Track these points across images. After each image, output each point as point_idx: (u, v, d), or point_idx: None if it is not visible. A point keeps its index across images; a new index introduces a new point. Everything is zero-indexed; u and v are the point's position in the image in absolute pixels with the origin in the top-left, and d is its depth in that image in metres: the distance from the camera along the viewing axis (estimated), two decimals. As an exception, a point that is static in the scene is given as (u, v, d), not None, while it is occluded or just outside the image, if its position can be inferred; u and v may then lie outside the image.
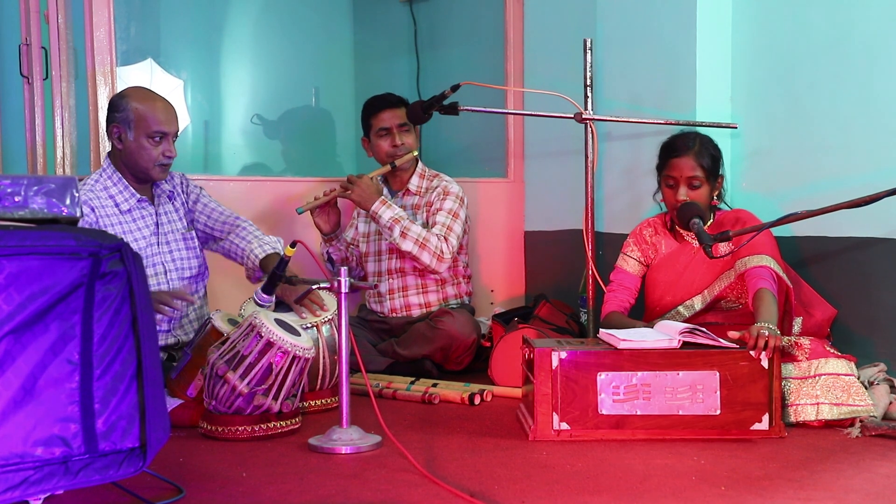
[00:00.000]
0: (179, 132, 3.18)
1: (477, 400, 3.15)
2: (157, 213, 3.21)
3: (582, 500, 2.07)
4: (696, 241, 3.07)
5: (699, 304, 3.12)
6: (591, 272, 3.45)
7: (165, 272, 3.18)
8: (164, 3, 5.02)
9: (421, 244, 3.64)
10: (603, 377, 2.61)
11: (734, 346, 2.65)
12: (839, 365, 2.76)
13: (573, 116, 3.45)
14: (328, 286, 2.66)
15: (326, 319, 3.04)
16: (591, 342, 2.94)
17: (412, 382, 3.32)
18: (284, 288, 3.00)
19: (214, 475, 2.30)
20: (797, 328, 3.01)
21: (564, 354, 2.61)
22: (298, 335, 2.76)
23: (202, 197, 3.34)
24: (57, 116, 3.60)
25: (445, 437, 2.68)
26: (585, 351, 2.64)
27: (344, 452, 2.51)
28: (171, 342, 3.18)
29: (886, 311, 3.02)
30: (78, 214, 1.93)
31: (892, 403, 2.75)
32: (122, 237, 2.04)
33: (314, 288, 2.78)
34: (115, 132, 3.11)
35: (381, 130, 3.80)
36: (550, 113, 3.64)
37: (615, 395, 2.61)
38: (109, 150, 3.20)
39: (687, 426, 2.61)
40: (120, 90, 3.22)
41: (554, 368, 2.61)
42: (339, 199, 3.73)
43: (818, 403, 2.71)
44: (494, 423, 2.86)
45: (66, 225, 1.90)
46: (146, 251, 3.13)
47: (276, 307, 3.05)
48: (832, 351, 2.82)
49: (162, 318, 3.07)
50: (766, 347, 2.60)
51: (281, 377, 2.67)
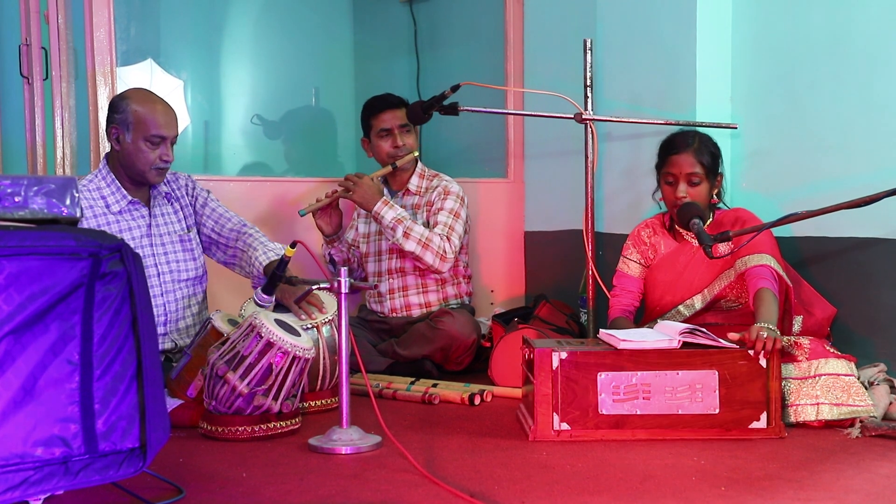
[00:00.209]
0: (179, 134, 3.16)
1: (477, 400, 3.15)
2: (151, 214, 3.19)
3: (582, 500, 2.07)
4: (695, 240, 3.07)
5: (699, 303, 3.12)
6: (591, 272, 3.45)
7: (159, 274, 3.15)
8: (164, 3, 5.02)
9: (424, 244, 3.64)
10: (603, 377, 2.61)
11: (734, 346, 2.65)
12: (839, 365, 2.76)
13: (573, 117, 3.45)
14: (328, 287, 2.66)
15: (327, 320, 3.04)
16: (591, 342, 2.94)
17: (412, 383, 3.32)
18: (284, 289, 2.99)
19: (214, 475, 2.30)
20: (797, 327, 3.01)
21: (564, 355, 2.61)
22: (298, 335, 2.76)
23: (210, 201, 3.32)
24: (57, 117, 3.60)
25: (445, 437, 2.68)
26: (585, 351, 2.64)
27: (344, 453, 2.51)
28: (167, 346, 3.15)
29: (886, 311, 3.02)
30: (78, 215, 1.93)
31: (892, 404, 2.75)
32: (114, 237, 2.04)
33: (314, 289, 2.78)
34: (113, 133, 3.10)
35: (381, 131, 3.81)
36: (550, 113, 3.64)
37: (615, 395, 2.61)
38: (108, 150, 3.19)
39: (686, 425, 2.61)
40: (122, 91, 3.21)
41: (554, 369, 2.61)
42: (340, 199, 3.73)
43: (818, 404, 2.71)
44: (494, 423, 2.86)
45: (66, 225, 1.90)
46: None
47: (276, 307, 3.05)
48: (832, 351, 2.81)
49: (157, 321, 3.05)
50: (765, 348, 2.61)
51: (281, 377, 2.67)
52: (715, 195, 3.14)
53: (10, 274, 1.75)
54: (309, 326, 2.99)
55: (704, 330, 2.71)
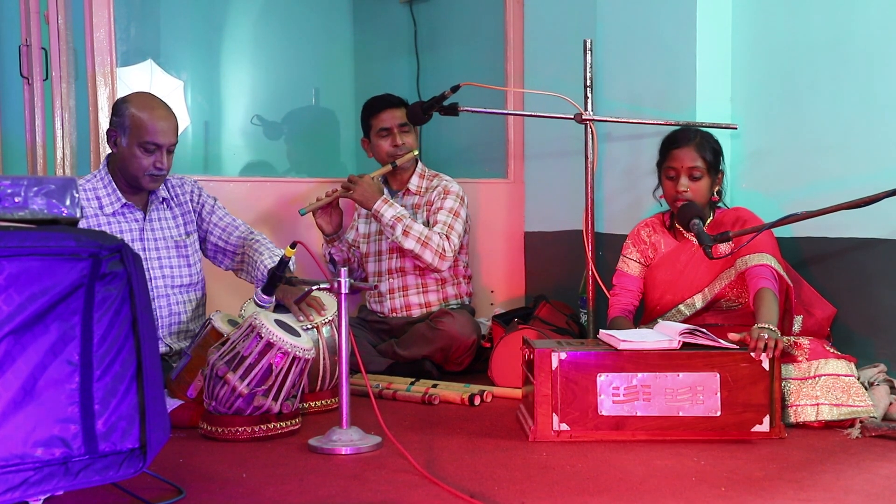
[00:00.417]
0: (177, 142, 3.10)
1: (477, 401, 3.15)
2: (146, 219, 3.16)
3: (582, 500, 2.07)
4: (696, 239, 3.07)
5: (700, 302, 3.12)
6: (591, 273, 3.45)
7: (151, 279, 3.12)
8: (164, 3, 5.02)
9: (423, 242, 3.64)
10: (603, 378, 2.61)
11: (734, 346, 2.64)
12: (839, 365, 2.76)
13: (573, 117, 3.46)
14: (328, 287, 2.66)
15: (327, 320, 3.04)
16: (591, 343, 2.93)
17: (412, 383, 3.32)
18: (284, 289, 2.99)
19: (214, 476, 2.30)
20: (797, 327, 3.01)
21: (564, 355, 2.61)
22: (298, 336, 2.76)
23: (217, 209, 3.31)
24: (57, 117, 3.60)
25: (445, 437, 2.68)
26: (585, 352, 2.64)
27: (344, 453, 2.51)
28: (163, 350, 3.12)
29: (886, 311, 3.02)
30: (78, 215, 1.92)
31: (892, 404, 2.75)
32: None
33: (314, 289, 2.78)
34: (112, 136, 3.10)
35: (381, 131, 3.81)
36: (550, 113, 3.64)
37: (615, 396, 2.61)
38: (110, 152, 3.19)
39: (687, 427, 2.61)
40: (126, 94, 3.17)
41: (554, 369, 2.61)
42: (340, 199, 3.73)
43: (818, 404, 2.71)
44: (494, 423, 2.86)
45: (66, 226, 1.90)
46: None
47: (276, 308, 3.05)
48: (832, 351, 2.81)
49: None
50: (766, 349, 2.60)
51: (281, 378, 2.67)
52: (716, 193, 3.14)
53: (10, 274, 1.75)
54: (309, 327, 2.99)
55: (704, 331, 2.71)
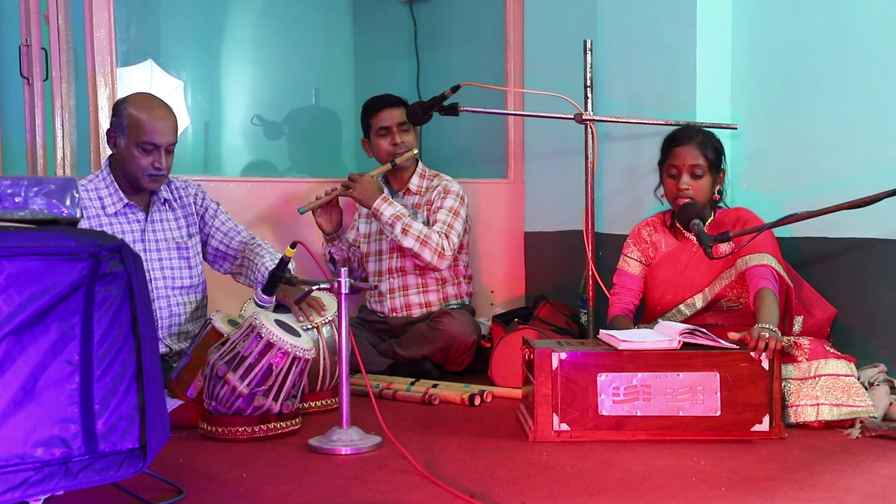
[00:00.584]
0: (176, 143, 3.10)
1: (477, 401, 3.15)
2: (148, 220, 3.16)
3: (582, 500, 2.07)
4: (696, 239, 3.07)
5: (700, 302, 3.12)
6: (591, 273, 3.45)
7: (151, 280, 3.12)
8: (164, 3, 5.02)
9: (422, 241, 3.64)
10: (603, 378, 2.61)
11: (734, 346, 2.64)
12: (839, 366, 2.76)
13: (573, 117, 3.46)
14: (328, 287, 2.66)
15: (327, 320, 3.04)
16: (591, 343, 2.94)
17: (412, 383, 3.32)
18: (284, 289, 2.99)
19: (214, 476, 2.30)
20: (797, 327, 3.01)
21: (564, 355, 2.61)
22: (299, 336, 2.76)
23: (220, 214, 3.31)
24: (57, 117, 3.60)
25: (445, 437, 2.68)
26: (585, 352, 2.64)
27: (344, 453, 2.51)
28: (162, 351, 3.12)
29: (886, 311, 3.02)
30: (78, 215, 1.93)
31: (892, 404, 2.75)
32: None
33: (314, 289, 2.78)
34: (111, 136, 3.10)
35: (380, 130, 3.81)
36: (550, 114, 3.64)
37: (615, 396, 2.61)
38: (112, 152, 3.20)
39: (687, 427, 2.61)
40: (126, 94, 3.17)
41: (554, 369, 2.61)
42: (340, 197, 3.73)
43: (818, 404, 2.71)
44: (494, 423, 2.86)
45: (66, 226, 1.90)
46: None
47: (276, 308, 3.05)
48: (832, 351, 2.81)
49: None
50: (766, 349, 2.60)
51: (281, 378, 2.67)
52: (717, 192, 3.14)
53: (10, 274, 1.75)
54: (309, 327, 2.99)
55: (704, 331, 2.71)
